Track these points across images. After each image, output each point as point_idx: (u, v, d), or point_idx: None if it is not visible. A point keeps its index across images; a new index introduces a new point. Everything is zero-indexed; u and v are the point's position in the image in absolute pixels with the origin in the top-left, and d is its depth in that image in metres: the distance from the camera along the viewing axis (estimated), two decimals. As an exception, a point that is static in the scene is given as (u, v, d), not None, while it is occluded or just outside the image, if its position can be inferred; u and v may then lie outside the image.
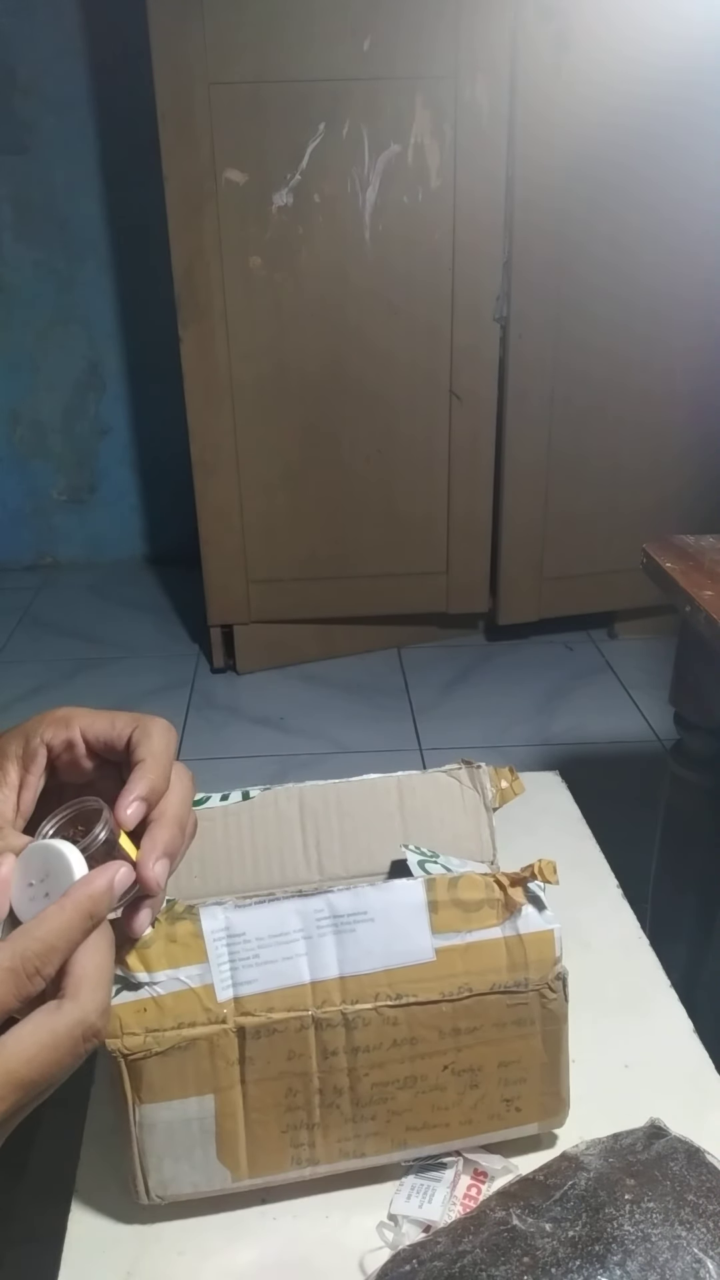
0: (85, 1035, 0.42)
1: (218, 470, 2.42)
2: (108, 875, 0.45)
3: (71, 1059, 0.42)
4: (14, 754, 0.53)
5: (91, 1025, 0.42)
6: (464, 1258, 0.51)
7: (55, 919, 0.43)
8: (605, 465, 2.53)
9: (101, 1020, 0.43)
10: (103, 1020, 0.43)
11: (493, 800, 0.73)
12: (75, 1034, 0.42)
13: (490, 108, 2.18)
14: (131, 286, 3.01)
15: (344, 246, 2.26)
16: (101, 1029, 0.43)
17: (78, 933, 0.43)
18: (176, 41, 2.06)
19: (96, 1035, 0.42)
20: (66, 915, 0.43)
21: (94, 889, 0.44)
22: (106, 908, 0.45)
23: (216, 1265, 0.58)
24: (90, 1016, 0.42)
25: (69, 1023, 0.41)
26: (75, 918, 0.43)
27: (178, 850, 0.51)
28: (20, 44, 2.75)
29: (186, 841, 0.53)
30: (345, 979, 0.57)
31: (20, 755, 0.53)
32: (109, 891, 0.45)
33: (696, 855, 1.35)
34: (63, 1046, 0.41)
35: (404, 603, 2.65)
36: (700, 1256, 0.49)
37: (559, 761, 2.13)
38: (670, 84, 2.13)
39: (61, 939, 0.43)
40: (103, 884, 0.45)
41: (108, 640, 2.83)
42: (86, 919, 0.44)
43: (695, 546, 1.25)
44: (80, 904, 0.44)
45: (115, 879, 0.45)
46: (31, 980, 0.41)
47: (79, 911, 0.43)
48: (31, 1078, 0.40)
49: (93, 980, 0.43)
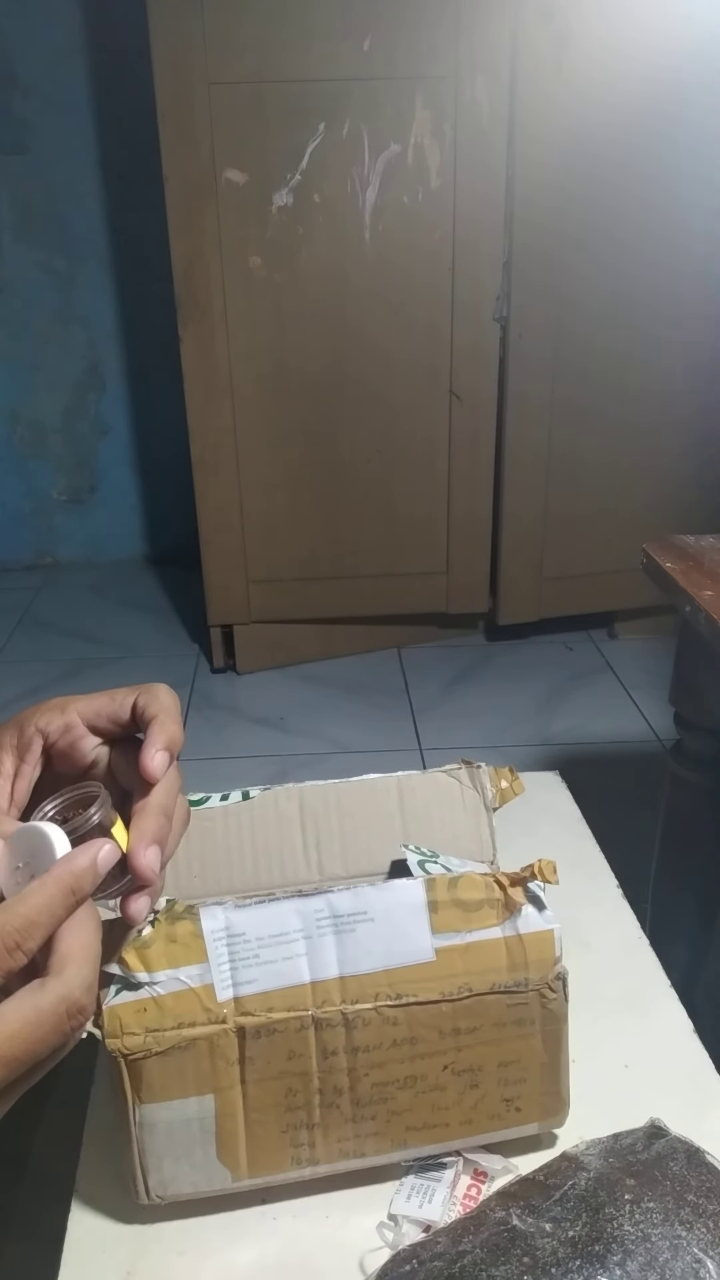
0: (70, 1011, 0.42)
1: (218, 470, 2.42)
2: (90, 852, 0.45)
3: (56, 1036, 0.41)
4: (8, 744, 0.53)
5: (76, 1001, 0.42)
6: (464, 1258, 0.51)
7: (36, 894, 0.43)
8: (605, 465, 2.53)
9: (86, 997, 0.42)
10: (87, 997, 0.42)
11: (493, 800, 0.73)
12: (59, 1010, 0.41)
13: (490, 108, 2.18)
14: (131, 286, 3.01)
15: (344, 246, 2.26)
16: (86, 1006, 0.42)
17: (60, 908, 0.43)
18: (176, 41, 2.06)
19: (81, 1012, 0.42)
20: (48, 890, 0.43)
21: (75, 865, 0.44)
22: (90, 883, 0.45)
23: (216, 1265, 0.58)
24: (74, 993, 0.42)
25: (52, 999, 0.41)
26: (56, 893, 0.43)
27: (166, 838, 0.51)
28: (20, 44, 2.75)
29: (178, 831, 0.52)
30: (345, 979, 0.57)
31: (15, 745, 0.53)
32: (91, 867, 0.45)
33: (696, 855, 1.35)
34: (46, 1023, 0.41)
35: (404, 603, 2.65)
36: (700, 1256, 0.49)
37: (559, 761, 2.13)
38: (670, 84, 2.13)
39: (42, 914, 0.42)
40: (85, 860, 0.45)
41: (108, 640, 2.83)
42: (68, 894, 0.44)
43: (695, 546, 1.25)
44: (62, 879, 0.44)
45: (99, 855, 0.45)
46: (12, 955, 0.41)
47: (60, 886, 0.43)
48: (14, 1054, 0.40)
49: (78, 958, 0.43)
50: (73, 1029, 0.42)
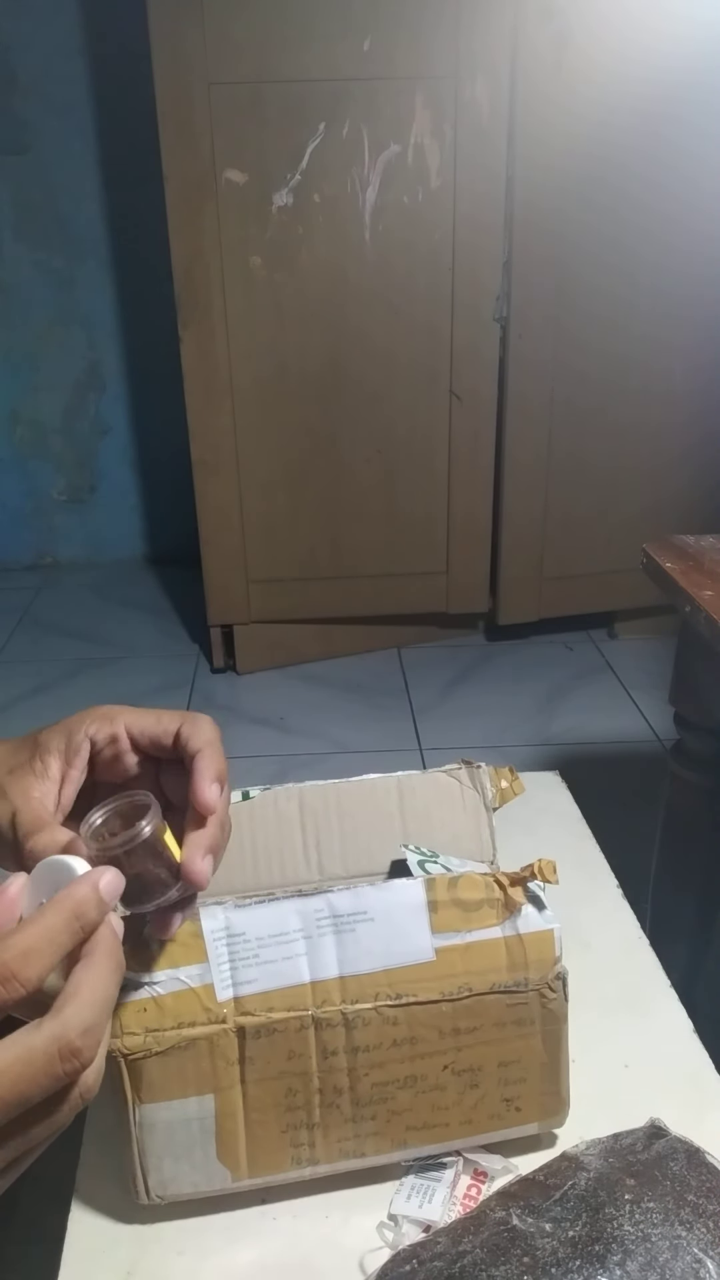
0: (62, 1052, 0.39)
1: (218, 470, 2.42)
2: (92, 879, 0.43)
3: (47, 1079, 0.38)
4: (56, 748, 0.53)
5: (69, 1042, 0.39)
6: (464, 1258, 0.51)
7: (37, 922, 0.41)
8: (605, 465, 2.53)
9: (83, 1040, 0.39)
10: (84, 1040, 0.39)
11: (493, 800, 0.73)
12: (50, 1050, 0.38)
13: (490, 108, 2.18)
14: (131, 286, 3.00)
15: (344, 246, 2.26)
16: (82, 1050, 0.39)
17: (63, 935, 0.41)
18: (176, 41, 2.06)
19: (75, 1055, 0.39)
20: (48, 919, 0.41)
21: (78, 892, 0.42)
22: (95, 911, 0.42)
23: (216, 1265, 0.58)
24: (69, 1033, 0.39)
25: (45, 1038, 0.39)
26: (57, 921, 0.41)
27: (220, 847, 0.52)
28: (20, 44, 2.75)
29: (225, 840, 0.53)
30: (345, 979, 0.57)
31: (63, 750, 0.53)
32: (94, 894, 0.42)
33: (696, 855, 1.35)
34: (36, 1062, 0.38)
35: (404, 603, 2.65)
36: (700, 1256, 0.49)
37: (559, 761, 2.13)
38: (670, 84, 2.13)
39: (41, 940, 0.40)
40: (86, 887, 0.42)
41: (108, 640, 2.83)
42: (71, 920, 0.41)
43: (695, 546, 1.25)
44: (62, 906, 0.41)
45: (101, 883, 0.43)
46: (6, 985, 0.38)
47: (60, 914, 0.41)
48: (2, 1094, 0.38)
49: (81, 998, 0.40)
50: (66, 1074, 0.39)
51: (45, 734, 0.54)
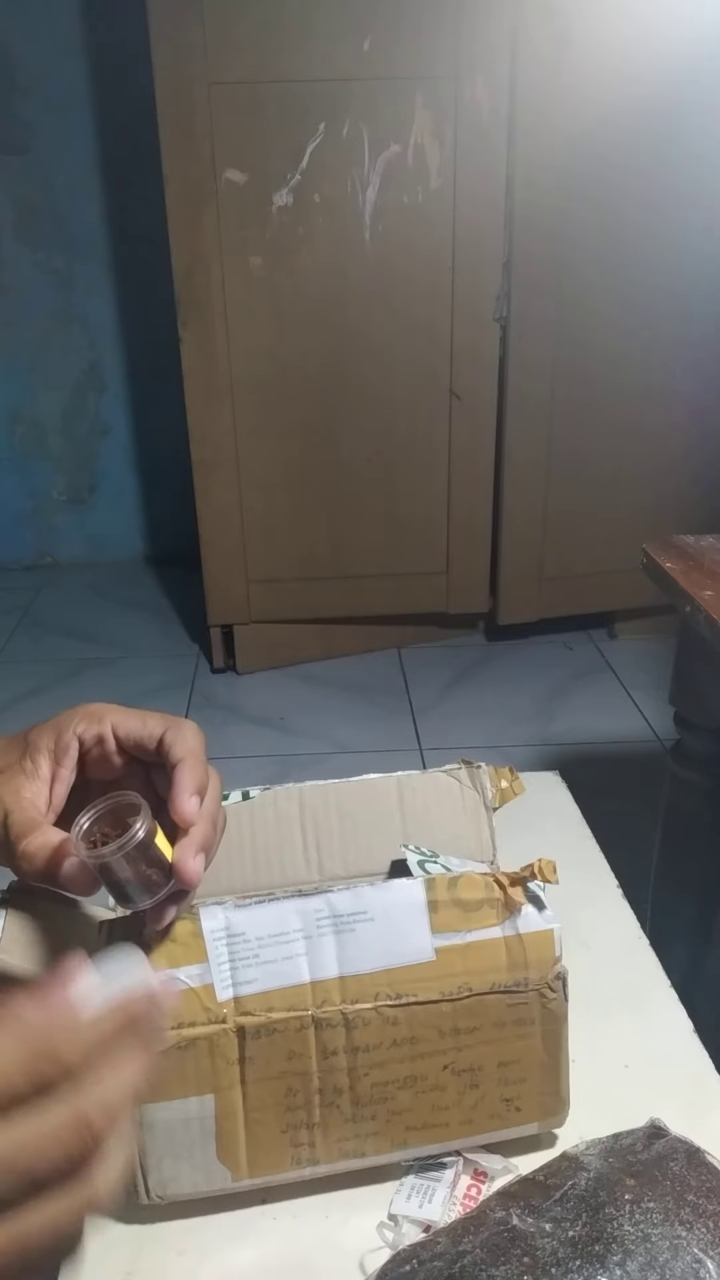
0: (75, 1123, 0.35)
1: (218, 470, 2.42)
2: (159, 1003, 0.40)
3: (56, 1148, 0.35)
4: (45, 747, 0.54)
5: (83, 1114, 0.36)
6: (464, 1258, 0.51)
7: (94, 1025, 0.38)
8: (605, 465, 2.53)
9: (100, 1117, 0.36)
10: (101, 1118, 0.36)
11: (493, 800, 0.73)
12: (63, 1116, 0.35)
13: (490, 108, 2.18)
14: (131, 286, 3.01)
15: (344, 246, 2.26)
16: (97, 1126, 0.36)
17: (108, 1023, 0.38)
18: (176, 41, 2.06)
19: (89, 1128, 0.36)
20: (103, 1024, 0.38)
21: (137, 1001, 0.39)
22: (148, 1016, 0.39)
23: (216, 1265, 0.58)
24: (85, 1105, 0.36)
25: (60, 1106, 0.36)
26: (113, 1013, 0.38)
27: (212, 846, 0.52)
28: (20, 44, 2.75)
29: (218, 838, 0.53)
30: (345, 979, 0.57)
31: (52, 749, 0.54)
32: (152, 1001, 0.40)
33: (696, 855, 1.35)
34: (45, 1128, 0.35)
35: (404, 603, 2.65)
36: (700, 1256, 0.49)
37: (559, 761, 2.13)
38: (670, 84, 2.13)
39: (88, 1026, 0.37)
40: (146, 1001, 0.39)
41: (108, 640, 2.83)
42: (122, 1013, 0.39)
43: (695, 546, 1.25)
44: (122, 1005, 0.39)
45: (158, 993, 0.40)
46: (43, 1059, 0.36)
47: (120, 1010, 0.39)
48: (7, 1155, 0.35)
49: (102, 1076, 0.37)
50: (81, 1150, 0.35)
51: (34, 733, 0.55)
